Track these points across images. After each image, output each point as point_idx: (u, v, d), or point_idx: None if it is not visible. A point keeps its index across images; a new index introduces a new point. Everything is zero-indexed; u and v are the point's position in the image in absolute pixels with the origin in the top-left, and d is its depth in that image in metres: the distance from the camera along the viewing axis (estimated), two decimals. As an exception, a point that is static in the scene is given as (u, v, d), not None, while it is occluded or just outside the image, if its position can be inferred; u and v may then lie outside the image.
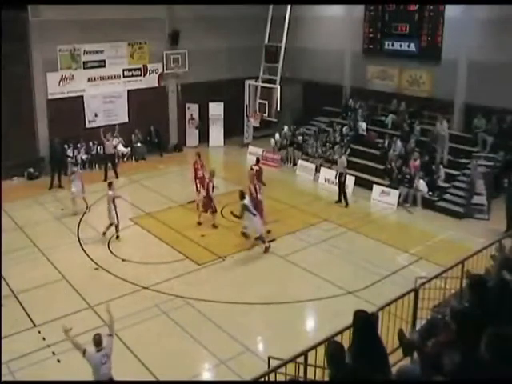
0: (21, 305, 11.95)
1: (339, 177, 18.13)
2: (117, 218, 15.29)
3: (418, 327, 7.62)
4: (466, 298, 6.50)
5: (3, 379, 9.51)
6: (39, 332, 10.92)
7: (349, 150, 20.93)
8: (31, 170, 20.74)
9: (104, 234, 15.36)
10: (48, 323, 11.14)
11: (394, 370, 5.31)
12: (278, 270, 13.77)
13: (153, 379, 9.59)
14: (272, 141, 23.74)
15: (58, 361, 10.03)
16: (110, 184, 15.63)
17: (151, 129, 23.97)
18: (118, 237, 15.46)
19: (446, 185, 18.20)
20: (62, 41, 20.96)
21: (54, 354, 10.22)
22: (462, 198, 17.36)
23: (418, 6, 20.64)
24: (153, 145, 24.01)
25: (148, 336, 10.84)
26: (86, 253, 14.58)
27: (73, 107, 21.60)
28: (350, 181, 19.23)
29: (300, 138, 22.93)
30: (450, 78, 19.73)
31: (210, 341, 10.62)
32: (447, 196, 17.83)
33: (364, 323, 4.69)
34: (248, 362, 9.88)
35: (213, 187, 16.09)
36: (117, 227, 15.45)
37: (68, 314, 11.32)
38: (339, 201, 18.14)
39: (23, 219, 16.62)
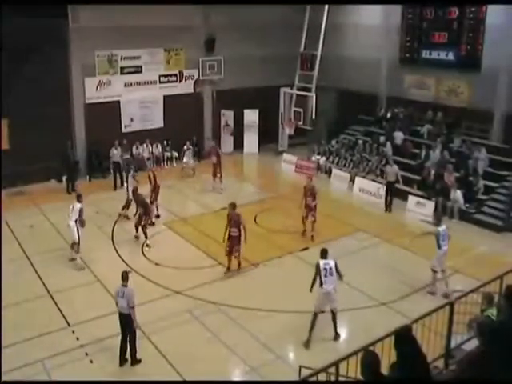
0: (56, 305, 12.18)
1: (388, 185, 18.46)
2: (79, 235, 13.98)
3: (453, 342, 7.44)
4: (502, 311, 6.33)
5: (35, 377, 9.70)
6: (73, 332, 11.09)
7: (384, 161, 20.79)
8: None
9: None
10: (82, 324, 11.32)
11: None
12: (311, 278, 13.62)
13: None
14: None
15: (91, 361, 10.17)
16: (78, 196, 14.33)
17: (193, 139, 24.12)
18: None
19: (484, 197, 17.80)
20: (99, 46, 21.39)
21: (86, 354, 10.37)
22: (501, 211, 16.96)
23: (457, 13, 20.34)
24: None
25: (179, 340, 10.88)
26: (119, 255, 14.77)
27: (109, 112, 22.00)
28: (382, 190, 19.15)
29: (333, 148, 22.94)
30: (490, 88, 19.32)
31: (241, 347, 10.61)
32: (485, 208, 17.42)
33: (406, 338, 4.61)
34: (279, 371, 9.83)
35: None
36: (77, 247, 14.11)
37: (101, 315, 11.46)
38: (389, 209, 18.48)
39: (58, 221, 16.90)
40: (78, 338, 10.83)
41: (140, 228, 15.40)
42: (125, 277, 10.02)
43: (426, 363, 4.71)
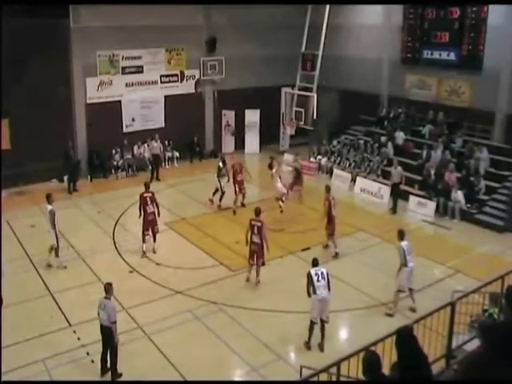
0: (57, 304, 12.19)
1: (392, 186, 18.29)
2: (57, 239, 13.79)
3: (454, 342, 7.43)
4: (504, 311, 6.30)
5: (37, 377, 9.70)
6: (74, 332, 11.09)
7: (385, 161, 20.80)
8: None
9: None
10: (83, 323, 11.30)
11: None
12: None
13: None
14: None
15: (92, 361, 10.16)
16: (48, 197, 14.09)
17: (194, 139, 24.25)
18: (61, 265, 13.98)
19: (486, 197, 17.78)
20: (101, 46, 21.41)
21: (88, 354, 10.37)
22: (503, 212, 16.93)
23: (459, 13, 20.31)
24: (192, 152, 24.21)
25: (180, 340, 10.89)
26: (120, 256, 14.77)
27: (111, 112, 21.99)
28: (386, 191, 19.10)
29: (335, 148, 22.96)
30: (492, 88, 19.28)
31: (242, 347, 10.62)
32: (486, 209, 17.39)
33: (407, 338, 4.60)
34: (280, 371, 9.83)
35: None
36: (56, 251, 13.88)
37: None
38: (394, 211, 18.24)
39: (60, 220, 16.86)
40: (79, 338, 10.84)
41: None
42: (107, 289, 9.76)
43: (427, 363, 4.69)
